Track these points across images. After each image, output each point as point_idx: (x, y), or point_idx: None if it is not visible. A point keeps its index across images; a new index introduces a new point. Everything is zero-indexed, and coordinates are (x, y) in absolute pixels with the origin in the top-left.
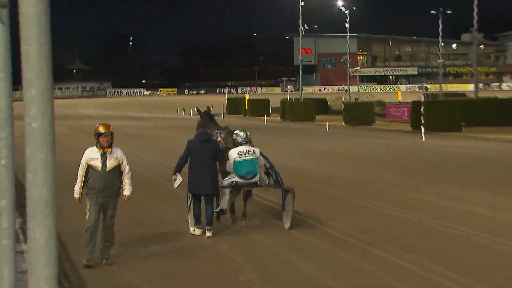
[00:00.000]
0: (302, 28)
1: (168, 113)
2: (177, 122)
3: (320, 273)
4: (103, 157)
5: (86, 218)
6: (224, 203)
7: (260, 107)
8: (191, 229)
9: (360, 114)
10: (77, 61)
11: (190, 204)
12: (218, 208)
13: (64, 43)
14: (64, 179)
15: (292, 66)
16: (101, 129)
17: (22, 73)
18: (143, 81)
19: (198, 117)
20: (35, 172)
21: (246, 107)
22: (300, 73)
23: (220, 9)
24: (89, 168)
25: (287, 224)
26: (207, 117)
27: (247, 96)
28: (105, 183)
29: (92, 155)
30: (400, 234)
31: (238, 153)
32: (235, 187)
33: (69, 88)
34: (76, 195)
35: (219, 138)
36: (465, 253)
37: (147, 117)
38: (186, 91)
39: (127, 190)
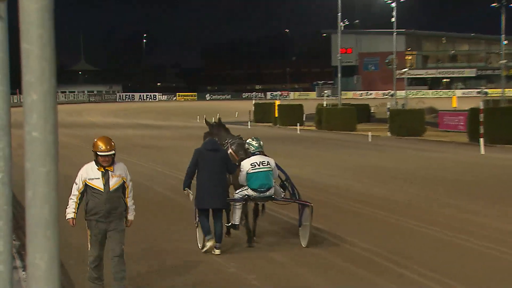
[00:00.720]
0: (342, 24)
1: (187, 121)
2: (198, 131)
3: None
4: (105, 176)
5: (88, 249)
6: (236, 218)
7: (292, 115)
8: (200, 245)
9: (408, 123)
10: (82, 61)
11: (197, 220)
12: (230, 224)
13: (68, 41)
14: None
15: (330, 67)
16: (102, 148)
17: (21, 75)
18: (158, 84)
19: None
20: (36, 188)
21: (276, 115)
22: (339, 75)
23: (246, 3)
24: (86, 189)
25: (304, 242)
26: (219, 128)
27: (277, 102)
28: (110, 206)
29: (91, 174)
30: (449, 261)
31: (251, 164)
32: (248, 201)
33: (74, 92)
34: (70, 215)
35: (229, 150)
36: None
37: (163, 125)
38: (208, 96)
39: (130, 214)
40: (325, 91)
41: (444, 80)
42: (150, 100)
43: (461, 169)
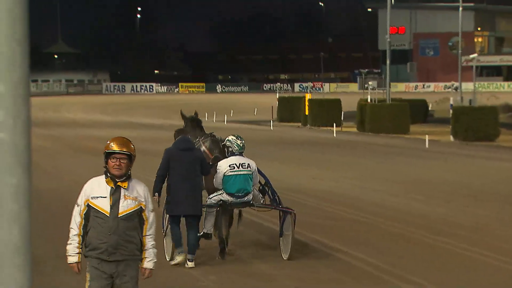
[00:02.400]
0: None
1: None
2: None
3: None
4: (115, 194)
5: None
6: (209, 226)
7: (327, 112)
8: (167, 257)
9: (477, 124)
10: (60, 41)
11: (166, 228)
12: (202, 233)
13: (42, 15)
14: (43, 216)
15: (376, 51)
16: (114, 147)
17: None
18: (156, 72)
19: (234, 125)
20: (2, 205)
21: (307, 112)
22: (388, 62)
23: None
24: (90, 212)
25: (285, 254)
26: (193, 124)
27: (308, 96)
28: (117, 239)
29: (95, 191)
30: None
31: (229, 165)
32: (222, 207)
33: (48, 81)
34: (73, 259)
35: (203, 148)
36: None
37: (161, 125)
38: (219, 88)
39: (148, 260)
40: (370, 83)
41: None
42: (146, 92)
43: None
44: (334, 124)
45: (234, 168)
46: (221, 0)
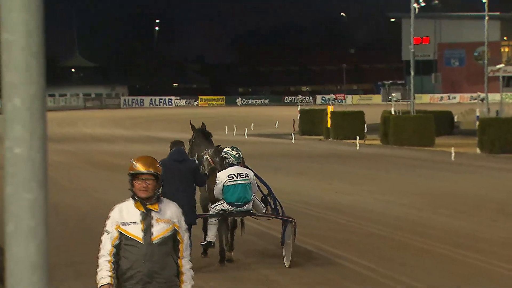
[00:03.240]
0: (416, 6)
1: (213, 133)
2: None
3: None
4: (146, 219)
5: None
6: (212, 235)
7: (350, 125)
8: None
9: (504, 136)
10: (77, 55)
11: None
12: (205, 242)
13: (59, 28)
14: (60, 232)
15: (400, 62)
16: (138, 167)
17: (1, 75)
18: (175, 85)
19: (257, 139)
20: (19, 221)
21: (329, 125)
22: (412, 73)
23: None
24: (121, 239)
25: (287, 262)
26: (201, 136)
27: (330, 108)
28: (152, 267)
29: (125, 216)
30: None
31: (228, 176)
32: (223, 216)
33: (66, 95)
34: (105, 280)
35: (206, 156)
36: None
37: (183, 138)
38: (239, 100)
39: (187, 284)
40: (393, 94)
41: None
42: (164, 105)
43: None
44: (357, 137)
45: (233, 178)
46: (241, 11)
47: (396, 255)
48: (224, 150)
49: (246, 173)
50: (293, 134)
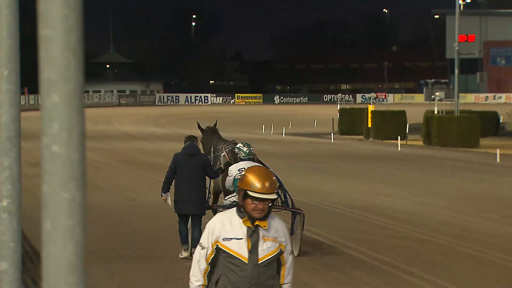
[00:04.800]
0: (461, 2)
1: (249, 131)
2: (265, 146)
3: None
4: (253, 236)
5: None
6: None
7: (392, 125)
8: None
9: None
10: (111, 50)
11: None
12: None
13: (93, 23)
14: (94, 232)
15: (444, 60)
16: (256, 185)
17: (38, 71)
18: (211, 82)
19: (295, 138)
20: (56, 220)
21: (369, 124)
22: (456, 71)
23: None
24: (219, 257)
25: (296, 251)
26: (208, 133)
27: (371, 107)
28: None
29: (227, 231)
30: None
31: (238, 169)
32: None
33: (99, 92)
34: (199, 282)
35: (223, 153)
36: None
37: None
38: (277, 99)
39: None
40: (437, 93)
41: None
42: (200, 103)
43: None
44: (399, 137)
45: (243, 171)
46: (280, 8)
47: (439, 260)
48: (237, 146)
49: None
50: (332, 134)
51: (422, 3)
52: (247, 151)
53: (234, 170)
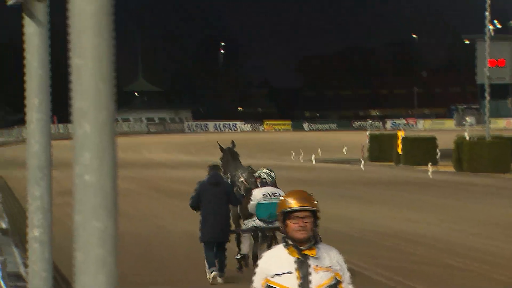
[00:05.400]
0: (491, 27)
1: (278, 158)
2: (294, 173)
3: None
4: (302, 267)
5: None
6: (245, 248)
7: (422, 151)
8: (208, 276)
9: None
10: (140, 78)
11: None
12: (239, 255)
13: (122, 51)
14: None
15: (474, 86)
16: (292, 203)
17: (71, 100)
18: (240, 109)
19: (325, 165)
20: (88, 250)
21: (400, 150)
22: (487, 97)
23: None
24: None
25: None
26: (229, 155)
27: (401, 133)
28: None
29: (276, 266)
30: None
31: (262, 194)
32: (255, 232)
33: (129, 120)
34: None
35: (241, 179)
36: None
37: (248, 164)
38: (306, 125)
39: None
40: (468, 119)
41: None
42: (229, 130)
43: None
44: (429, 163)
45: (267, 197)
46: (308, 34)
47: (468, 286)
48: (262, 171)
49: (279, 193)
50: (362, 160)
51: (451, 28)
52: (273, 176)
53: (258, 195)
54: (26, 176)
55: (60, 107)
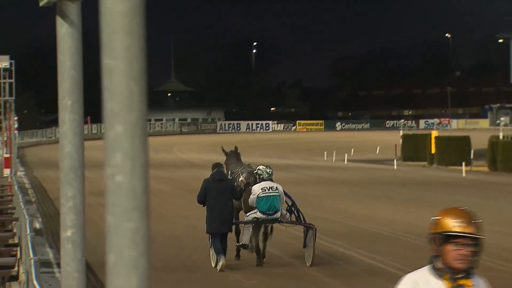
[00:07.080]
0: None
1: (311, 158)
2: (326, 172)
3: None
4: None
5: None
6: (246, 238)
7: (455, 151)
8: (213, 263)
9: None
10: (173, 79)
11: (210, 242)
12: (240, 243)
13: (155, 52)
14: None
15: (508, 85)
16: (458, 227)
17: (102, 101)
18: (272, 109)
19: (358, 165)
20: (120, 251)
21: (433, 150)
22: None
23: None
24: None
25: (308, 261)
26: (233, 156)
27: (434, 133)
28: None
29: None
30: None
31: (261, 188)
32: (256, 223)
33: (161, 120)
34: None
35: (241, 178)
36: None
37: (279, 164)
38: (338, 125)
39: None
40: (502, 118)
41: None
42: (261, 130)
43: None
44: (463, 163)
45: (266, 190)
46: (341, 34)
47: (504, 287)
48: (259, 168)
49: (277, 187)
50: (395, 160)
51: (485, 28)
52: (270, 172)
53: (257, 189)
54: (59, 177)
55: (96, 108)
